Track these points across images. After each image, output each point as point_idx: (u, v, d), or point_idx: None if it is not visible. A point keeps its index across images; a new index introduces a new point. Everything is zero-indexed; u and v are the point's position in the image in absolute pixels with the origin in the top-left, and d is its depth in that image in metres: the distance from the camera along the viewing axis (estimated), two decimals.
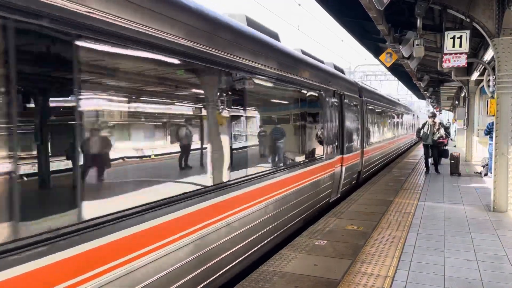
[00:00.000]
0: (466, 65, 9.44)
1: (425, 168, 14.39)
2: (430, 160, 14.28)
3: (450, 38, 8.60)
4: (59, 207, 2.75)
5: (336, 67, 11.21)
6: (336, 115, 9.59)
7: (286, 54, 6.93)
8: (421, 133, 14.23)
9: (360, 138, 12.28)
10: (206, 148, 4.36)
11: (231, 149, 4.86)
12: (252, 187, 5.34)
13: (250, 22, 6.33)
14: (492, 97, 9.30)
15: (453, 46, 8.56)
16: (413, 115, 34.47)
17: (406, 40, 9.82)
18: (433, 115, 14.68)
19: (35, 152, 2.65)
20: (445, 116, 48.92)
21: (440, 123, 14.68)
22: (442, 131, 14.06)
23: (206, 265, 4.35)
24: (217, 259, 4.56)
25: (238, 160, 5.04)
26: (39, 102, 2.69)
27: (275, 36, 7.15)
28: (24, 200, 2.48)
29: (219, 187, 4.54)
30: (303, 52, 8.62)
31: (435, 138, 13.87)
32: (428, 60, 14.53)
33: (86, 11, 2.83)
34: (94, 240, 2.92)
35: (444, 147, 15.17)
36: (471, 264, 5.23)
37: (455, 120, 29.56)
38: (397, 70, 20.62)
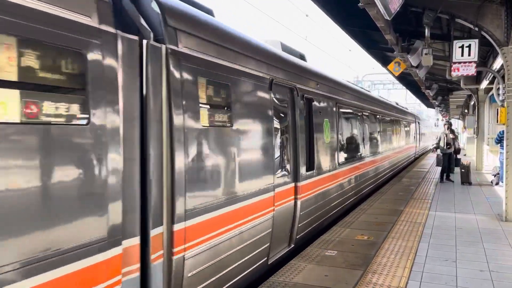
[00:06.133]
0: (475, 74, 9.40)
1: (439, 178, 14.28)
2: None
3: (459, 47, 8.60)
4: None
5: None
6: None
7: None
8: (439, 145, 14.41)
9: None
10: None
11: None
12: None
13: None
14: (502, 105, 9.25)
15: (462, 55, 8.56)
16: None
17: (414, 49, 9.83)
18: (449, 124, 14.67)
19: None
20: (454, 124, 48.52)
21: (450, 129, 14.64)
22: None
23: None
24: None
25: None
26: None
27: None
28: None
29: None
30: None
31: (451, 151, 14.14)
32: (437, 69, 14.51)
33: None
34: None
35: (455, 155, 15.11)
36: (483, 275, 5.16)
37: (465, 129, 29.28)
38: (405, 79, 20.58)
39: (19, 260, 2.29)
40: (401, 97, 52.95)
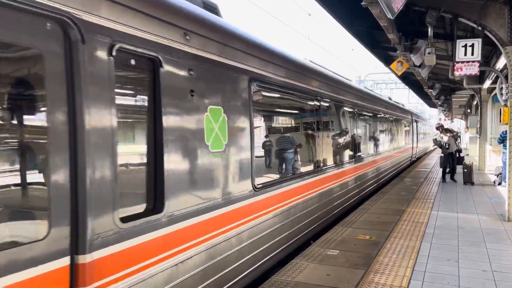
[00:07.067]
0: (478, 74, 9.37)
1: (441, 178, 14.27)
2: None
3: (462, 47, 8.57)
4: None
5: None
6: None
7: None
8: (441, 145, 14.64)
9: None
10: None
11: None
12: None
13: None
14: (505, 105, 9.21)
15: (465, 55, 8.53)
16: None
17: (417, 48, 9.82)
18: (441, 127, 14.95)
19: None
20: (457, 124, 48.44)
21: (447, 129, 14.75)
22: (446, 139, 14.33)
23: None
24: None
25: None
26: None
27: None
28: None
29: None
30: None
31: (450, 151, 14.26)
32: (440, 69, 14.48)
33: None
34: None
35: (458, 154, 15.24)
36: (486, 275, 5.15)
37: (467, 129, 29.16)
38: (407, 78, 20.56)
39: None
40: (404, 96, 52.90)
